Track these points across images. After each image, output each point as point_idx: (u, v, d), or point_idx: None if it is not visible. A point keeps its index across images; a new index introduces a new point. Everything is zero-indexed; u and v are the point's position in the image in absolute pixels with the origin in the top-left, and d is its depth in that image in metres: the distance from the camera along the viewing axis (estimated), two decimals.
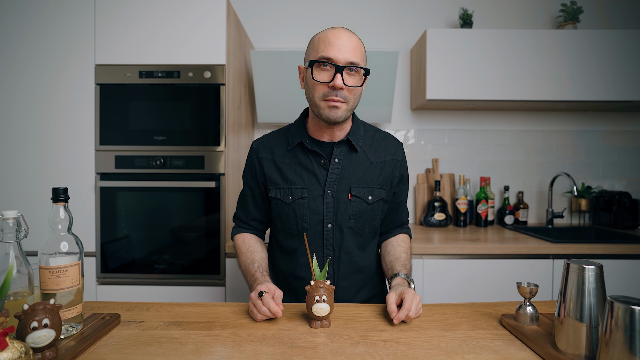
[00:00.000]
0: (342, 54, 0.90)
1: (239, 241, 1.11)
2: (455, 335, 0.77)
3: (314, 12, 2.24)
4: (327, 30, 0.93)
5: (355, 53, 0.91)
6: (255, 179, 1.08)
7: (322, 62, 0.90)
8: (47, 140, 1.65)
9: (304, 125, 1.05)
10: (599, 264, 0.65)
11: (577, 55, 1.90)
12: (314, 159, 1.02)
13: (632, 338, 0.53)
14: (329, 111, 0.93)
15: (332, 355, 0.68)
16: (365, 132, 1.08)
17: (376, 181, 1.04)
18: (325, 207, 1.00)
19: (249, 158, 1.10)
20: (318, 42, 0.93)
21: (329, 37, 0.91)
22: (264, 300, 0.82)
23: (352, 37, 0.92)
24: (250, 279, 0.99)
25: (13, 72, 1.64)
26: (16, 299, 0.69)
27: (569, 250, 1.64)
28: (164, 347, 0.71)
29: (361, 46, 0.94)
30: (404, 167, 1.10)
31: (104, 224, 1.64)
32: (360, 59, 0.92)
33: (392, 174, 1.06)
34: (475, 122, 2.29)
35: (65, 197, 0.74)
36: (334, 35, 0.91)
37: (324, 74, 0.91)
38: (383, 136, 1.10)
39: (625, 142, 2.29)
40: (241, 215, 1.14)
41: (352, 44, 0.91)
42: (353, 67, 0.91)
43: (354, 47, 0.91)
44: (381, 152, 1.06)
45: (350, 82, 0.92)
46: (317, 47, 0.93)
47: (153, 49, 1.63)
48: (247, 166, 1.10)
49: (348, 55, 0.90)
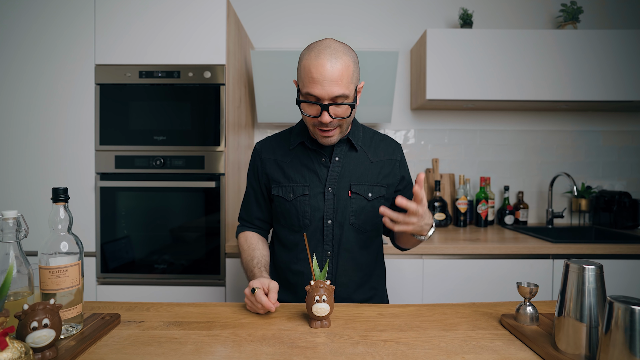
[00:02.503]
0: (326, 89, 0.87)
1: (241, 239, 1.14)
2: (455, 335, 0.77)
3: (313, 12, 2.24)
4: (311, 58, 0.88)
5: (340, 83, 0.87)
6: (257, 179, 1.11)
7: (308, 101, 0.90)
8: (47, 140, 1.65)
9: (305, 127, 1.07)
10: (599, 264, 0.65)
11: (577, 55, 1.90)
12: (315, 157, 1.05)
13: (632, 338, 0.53)
14: (322, 139, 0.97)
15: (332, 355, 0.68)
16: (365, 134, 1.11)
17: (376, 179, 1.06)
18: (325, 203, 1.02)
19: (252, 159, 1.13)
20: (303, 72, 0.90)
21: (312, 71, 0.87)
22: (256, 296, 0.85)
23: (336, 63, 0.87)
24: (250, 275, 1.02)
25: (13, 72, 1.64)
26: (16, 299, 0.69)
27: (569, 250, 1.64)
28: (164, 347, 0.71)
29: (348, 69, 0.89)
30: (403, 167, 1.12)
31: (104, 224, 1.64)
32: (346, 87, 0.88)
33: (391, 173, 1.08)
34: (475, 122, 2.29)
35: (65, 197, 0.74)
36: (316, 67, 0.87)
37: (311, 108, 0.93)
38: (381, 137, 1.13)
39: (625, 142, 2.29)
40: (244, 214, 1.18)
41: (336, 74, 0.87)
42: (338, 103, 0.89)
43: (338, 78, 0.87)
44: (380, 152, 1.09)
45: (339, 113, 0.92)
46: (302, 79, 0.91)
47: (153, 49, 1.63)
48: (250, 167, 1.14)
49: (332, 90, 0.87)
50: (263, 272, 0.99)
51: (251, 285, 0.88)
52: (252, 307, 0.87)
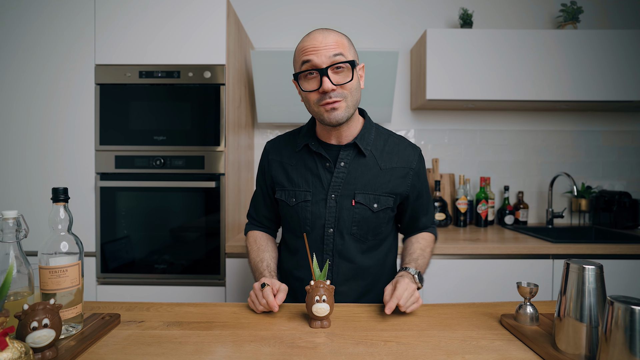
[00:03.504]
0: (322, 55, 0.86)
1: (250, 239, 1.13)
2: (455, 335, 0.77)
3: (313, 12, 2.24)
4: (304, 38, 0.91)
5: (335, 47, 0.87)
6: (264, 179, 1.10)
7: (306, 70, 0.88)
8: (47, 140, 1.65)
9: (313, 128, 1.04)
10: (599, 264, 0.65)
11: (577, 55, 1.90)
12: (319, 161, 1.00)
13: (632, 338, 0.53)
14: (328, 115, 0.90)
15: (332, 355, 0.68)
16: (377, 136, 1.02)
17: (384, 188, 0.98)
18: (327, 211, 0.98)
19: (261, 158, 1.12)
20: (297, 53, 0.91)
21: (306, 44, 0.89)
22: (264, 293, 0.85)
23: (329, 34, 0.88)
24: (258, 276, 1.01)
25: (13, 72, 1.64)
26: (16, 299, 0.69)
27: (569, 250, 1.64)
28: (164, 347, 0.71)
29: (342, 39, 0.90)
30: (418, 178, 1.03)
31: (104, 224, 1.64)
32: (342, 50, 0.88)
33: (403, 183, 1.00)
34: (475, 122, 2.29)
35: (65, 197, 0.74)
36: (309, 40, 0.89)
37: (311, 82, 0.90)
38: (397, 141, 1.03)
39: (625, 142, 2.29)
40: (253, 213, 1.17)
41: (330, 41, 0.87)
42: (337, 63, 0.87)
43: (332, 43, 0.87)
44: (393, 158, 1.00)
45: (339, 79, 0.88)
46: (297, 59, 0.91)
47: (153, 49, 1.63)
48: (260, 166, 1.12)
49: (328, 53, 0.86)
50: (273, 275, 0.99)
51: (262, 281, 0.89)
52: (255, 302, 0.87)
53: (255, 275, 1.03)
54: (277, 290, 0.88)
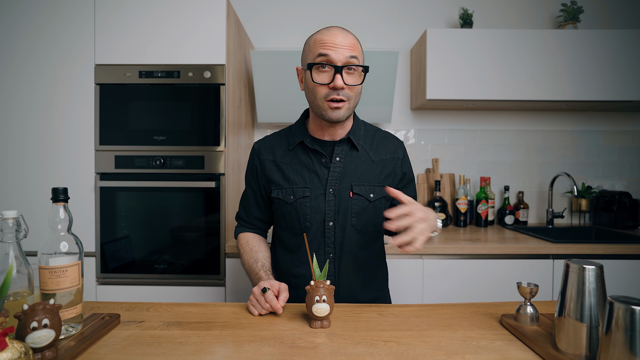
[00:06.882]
0: (340, 53, 0.90)
1: (242, 240, 1.13)
2: (455, 335, 0.77)
3: (313, 12, 2.24)
4: (322, 31, 0.94)
5: (352, 50, 0.92)
6: (256, 180, 1.10)
7: (321, 63, 0.91)
8: (47, 140, 1.65)
9: (304, 126, 1.06)
10: (599, 264, 0.65)
11: (577, 55, 1.90)
12: (315, 157, 1.03)
13: (633, 338, 0.53)
14: (331, 112, 0.94)
15: (332, 355, 0.68)
16: (366, 132, 1.09)
17: (378, 179, 1.04)
18: (326, 205, 1.01)
19: (251, 159, 1.11)
20: (314, 43, 0.93)
21: (325, 37, 0.92)
22: (267, 297, 0.85)
23: (348, 35, 0.93)
24: (255, 277, 1.01)
25: (12, 72, 1.64)
26: (16, 299, 0.68)
27: (569, 250, 1.64)
28: (164, 347, 0.71)
29: (357, 44, 0.95)
30: (405, 165, 1.10)
31: (104, 224, 1.64)
32: (357, 54, 0.93)
33: (393, 172, 1.07)
34: (475, 122, 2.29)
35: (65, 197, 0.74)
36: (329, 35, 0.92)
37: (323, 75, 0.92)
38: (383, 135, 1.11)
39: (626, 142, 2.29)
40: (243, 214, 1.16)
41: (348, 42, 0.92)
42: (352, 65, 0.91)
43: (351, 45, 0.92)
44: (382, 150, 1.07)
45: (350, 80, 0.93)
46: (313, 49, 0.93)
47: (153, 49, 1.63)
48: (249, 167, 1.12)
49: (346, 53, 0.91)
50: (270, 275, 0.99)
51: (262, 285, 0.88)
52: (257, 307, 0.87)
53: (251, 277, 1.03)
54: (277, 290, 0.88)
